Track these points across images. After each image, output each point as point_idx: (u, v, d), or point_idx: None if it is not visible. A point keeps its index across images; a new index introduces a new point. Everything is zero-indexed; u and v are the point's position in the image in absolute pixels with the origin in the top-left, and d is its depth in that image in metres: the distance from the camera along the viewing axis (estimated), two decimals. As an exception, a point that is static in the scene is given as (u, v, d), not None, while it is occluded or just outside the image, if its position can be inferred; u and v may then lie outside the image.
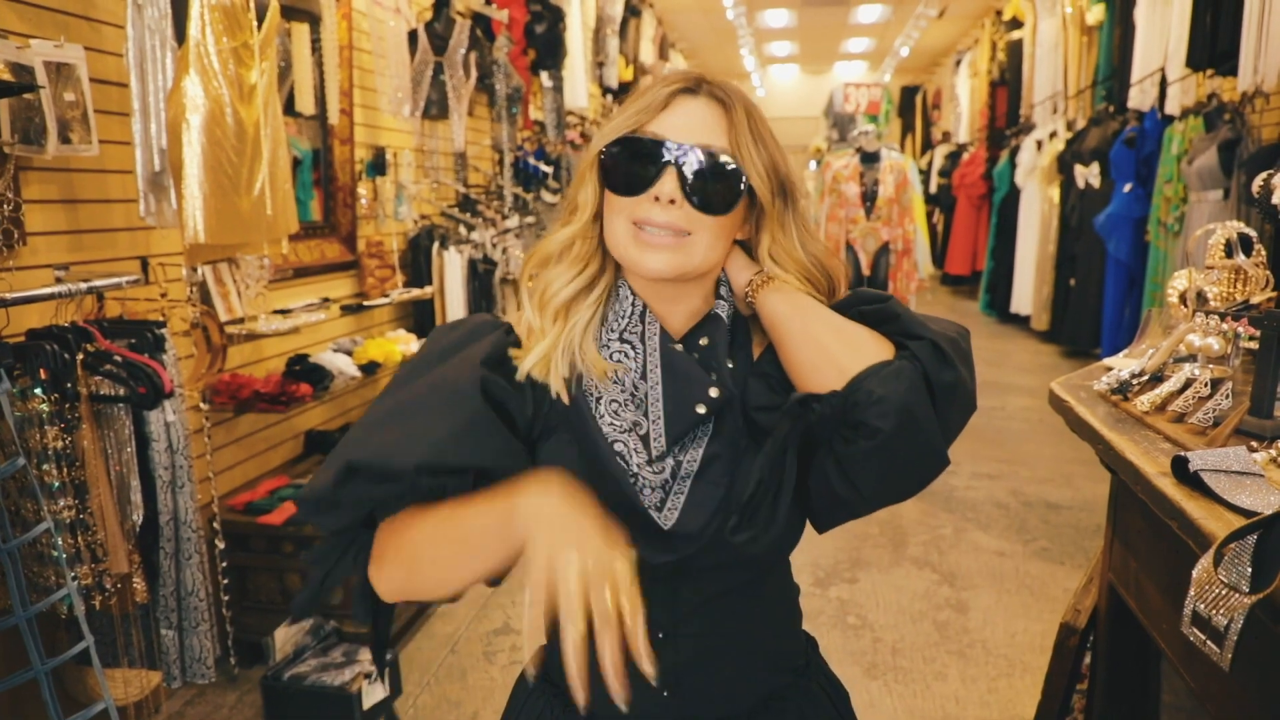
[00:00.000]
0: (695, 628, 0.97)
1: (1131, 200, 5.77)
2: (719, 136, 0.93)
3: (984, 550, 3.69)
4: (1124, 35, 6.19)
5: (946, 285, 11.95)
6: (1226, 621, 0.87)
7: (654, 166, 0.91)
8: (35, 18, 2.25)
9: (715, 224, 0.93)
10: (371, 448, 0.87)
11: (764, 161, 0.94)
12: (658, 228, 0.91)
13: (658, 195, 0.91)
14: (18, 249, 2.17)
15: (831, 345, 0.90)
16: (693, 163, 0.91)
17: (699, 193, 0.91)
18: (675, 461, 0.94)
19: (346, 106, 3.63)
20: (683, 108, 0.94)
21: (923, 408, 0.87)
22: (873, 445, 0.85)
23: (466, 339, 0.97)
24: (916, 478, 0.92)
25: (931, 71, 15.27)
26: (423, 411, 0.89)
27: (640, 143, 0.92)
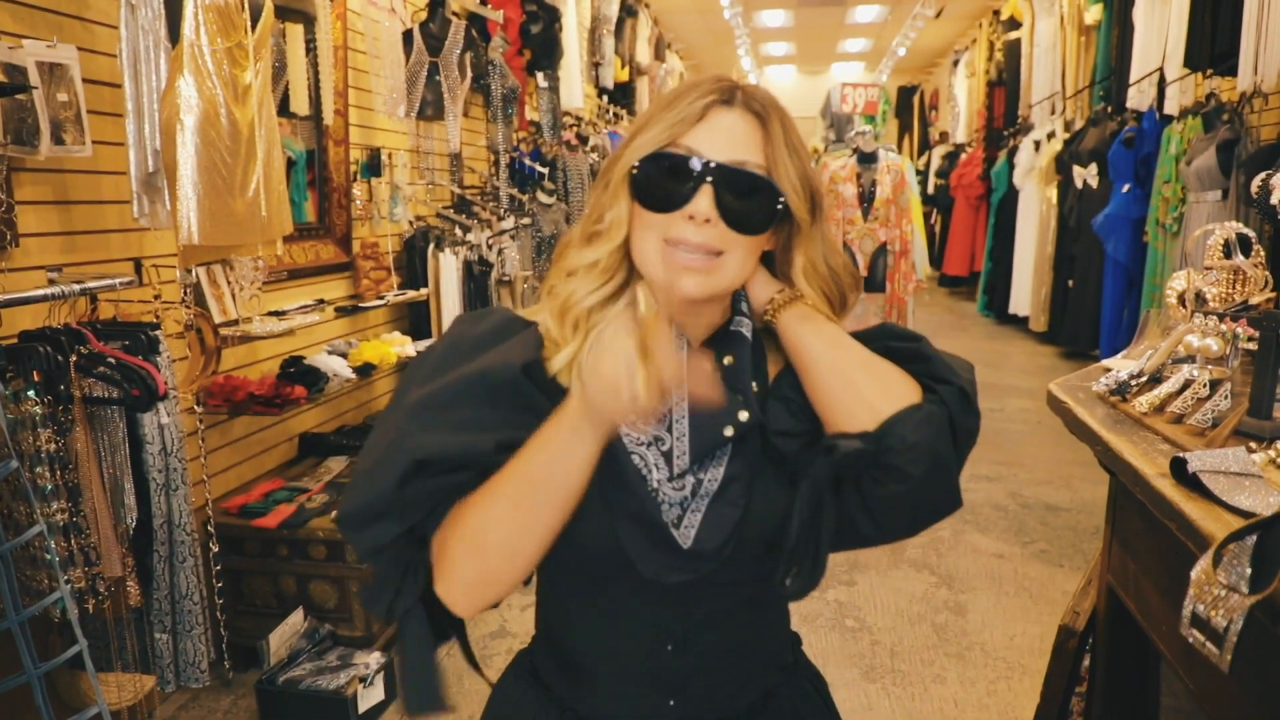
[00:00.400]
0: (702, 639, 0.97)
1: (1130, 201, 5.77)
2: (755, 151, 0.90)
3: (982, 552, 3.68)
4: (1122, 35, 6.19)
5: (944, 286, 11.95)
6: (1226, 623, 0.86)
7: (689, 184, 0.88)
8: (28, 18, 2.24)
9: (749, 244, 0.91)
10: (432, 440, 0.84)
11: (798, 175, 0.92)
12: (691, 247, 0.89)
13: (692, 214, 0.88)
14: (10, 250, 2.15)
15: (863, 384, 0.89)
16: (729, 181, 0.88)
17: (734, 212, 0.89)
18: (696, 479, 0.92)
19: (341, 107, 3.62)
20: (718, 120, 0.91)
21: (948, 453, 0.88)
22: (902, 490, 0.86)
23: (494, 335, 0.94)
24: (935, 517, 0.94)
25: (929, 72, 15.27)
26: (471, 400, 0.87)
27: (675, 159, 0.89)
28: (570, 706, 1.02)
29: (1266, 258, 1.69)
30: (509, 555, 0.86)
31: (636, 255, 0.93)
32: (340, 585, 2.77)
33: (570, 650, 1.02)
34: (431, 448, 0.83)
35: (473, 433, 0.85)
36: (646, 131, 0.91)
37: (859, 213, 4.95)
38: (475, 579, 0.87)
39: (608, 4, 7.03)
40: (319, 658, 2.62)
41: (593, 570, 0.95)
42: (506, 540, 0.85)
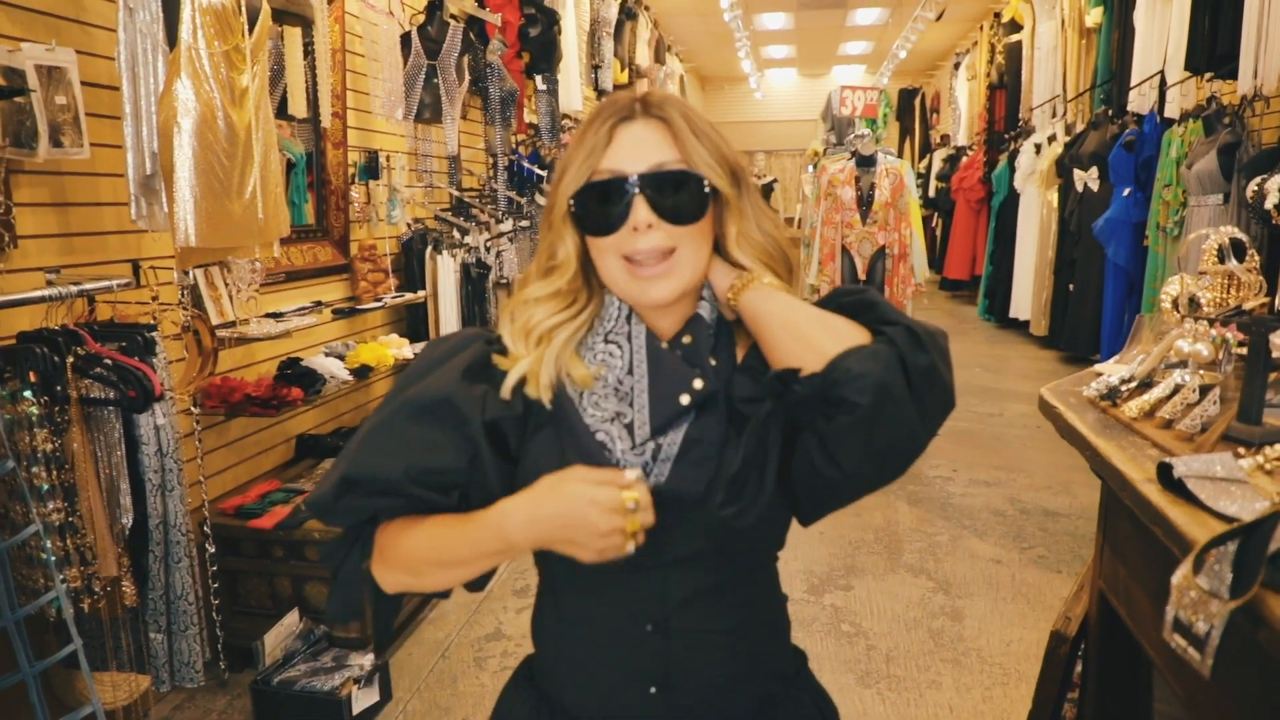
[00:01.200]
0: (684, 622, 0.98)
1: (1130, 204, 5.77)
2: (667, 150, 0.98)
3: (980, 558, 3.68)
4: (1123, 38, 6.19)
5: (945, 290, 11.94)
6: (1207, 628, 0.87)
7: (621, 201, 0.96)
8: (27, 21, 2.25)
9: (694, 232, 0.98)
10: (364, 460, 0.95)
11: (713, 157, 0.98)
12: (645, 254, 0.96)
13: (635, 225, 0.96)
14: (8, 252, 2.16)
15: (811, 332, 0.93)
16: (655, 184, 0.96)
17: (670, 209, 0.96)
18: (656, 444, 0.96)
19: (339, 110, 3.63)
20: (626, 136, 0.98)
21: (899, 388, 0.89)
22: (852, 420, 0.88)
23: (451, 352, 1.01)
24: (896, 457, 0.94)
25: (930, 74, 15.27)
26: (408, 424, 0.95)
27: (601, 185, 0.97)
28: (561, 707, 1.03)
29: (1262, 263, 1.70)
30: (436, 585, 0.98)
31: (604, 277, 1.01)
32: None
33: (557, 638, 1.05)
34: (356, 469, 0.94)
35: (394, 458, 0.93)
36: (569, 170, 1.00)
37: (858, 216, 4.95)
38: (403, 585, 0.98)
39: (607, 7, 7.04)
40: (314, 659, 2.63)
41: None
42: (434, 578, 0.96)
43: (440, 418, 0.95)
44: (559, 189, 1.01)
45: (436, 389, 0.96)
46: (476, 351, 1.01)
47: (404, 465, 0.92)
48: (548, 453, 0.97)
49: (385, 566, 0.97)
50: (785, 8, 10.84)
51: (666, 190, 0.96)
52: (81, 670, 1.75)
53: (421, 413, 0.95)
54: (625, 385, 0.99)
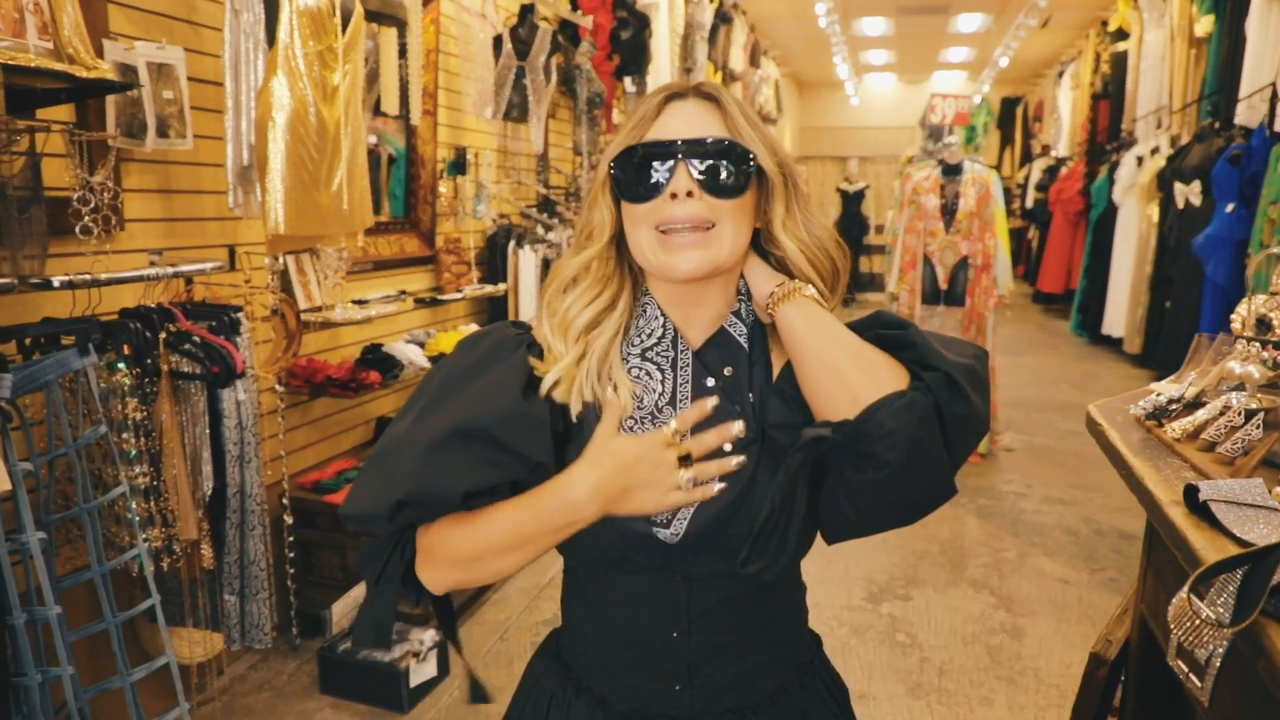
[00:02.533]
0: (708, 628, 1.00)
1: (1233, 221, 5.51)
2: (716, 127, 0.96)
3: (1047, 577, 3.60)
4: (1233, 48, 5.91)
5: (1038, 303, 11.59)
6: (1207, 655, 0.87)
7: (664, 166, 0.93)
8: (143, 21, 2.42)
9: (735, 209, 0.95)
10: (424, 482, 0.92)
11: (764, 143, 0.96)
12: (682, 224, 0.93)
13: (674, 192, 0.93)
14: (116, 234, 2.34)
15: (847, 371, 0.90)
16: (699, 152, 0.93)
17: (713, 179, 0.93)
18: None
19: (430, 107, 3.77)
20: (675, 111, 0.97)
21: (933, 440, 0.88)
22: (881, 477, 0.87)
23: (485, 360, 1.00)
24: (921, 507, 0.93)
25: (1034, 83, 14.81)
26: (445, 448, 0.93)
27: (644, 148, 0.95)
28: (587, 686, 1.06)
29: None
30: (488, 575, 0.96)
31: (635, 251, 0.98)
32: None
33: (585, 631, 1.07)
34: (410, 490, 0.92)
35: (446, 479, 0.91)
36: (616, 140, 0.98)
37: (941, 224, 4.87)
38: (453, 581, 0.97)
39: (702, 10, 7.08)
40: (377, 631, 2.75)
41: (599, 558, 1.00)
42: (489, 566, 0.95)
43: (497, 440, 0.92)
44: (602, 161, 0.99)
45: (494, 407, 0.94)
46: (523, 358, 0.99)
47: (464, 488, 0.91)
48: None
49: (433, 566, 0.96)
50: (885, 12, 10.67)
51: (711, 159, 0.93)
52: (158, 623, 1.89)
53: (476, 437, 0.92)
54: (664, 415, 0.98)
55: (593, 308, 0.99)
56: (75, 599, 2.08)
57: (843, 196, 12.60)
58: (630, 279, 1.02)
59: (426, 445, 0.93)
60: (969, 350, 0.98)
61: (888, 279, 5.35)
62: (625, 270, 1.01)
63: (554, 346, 0.99)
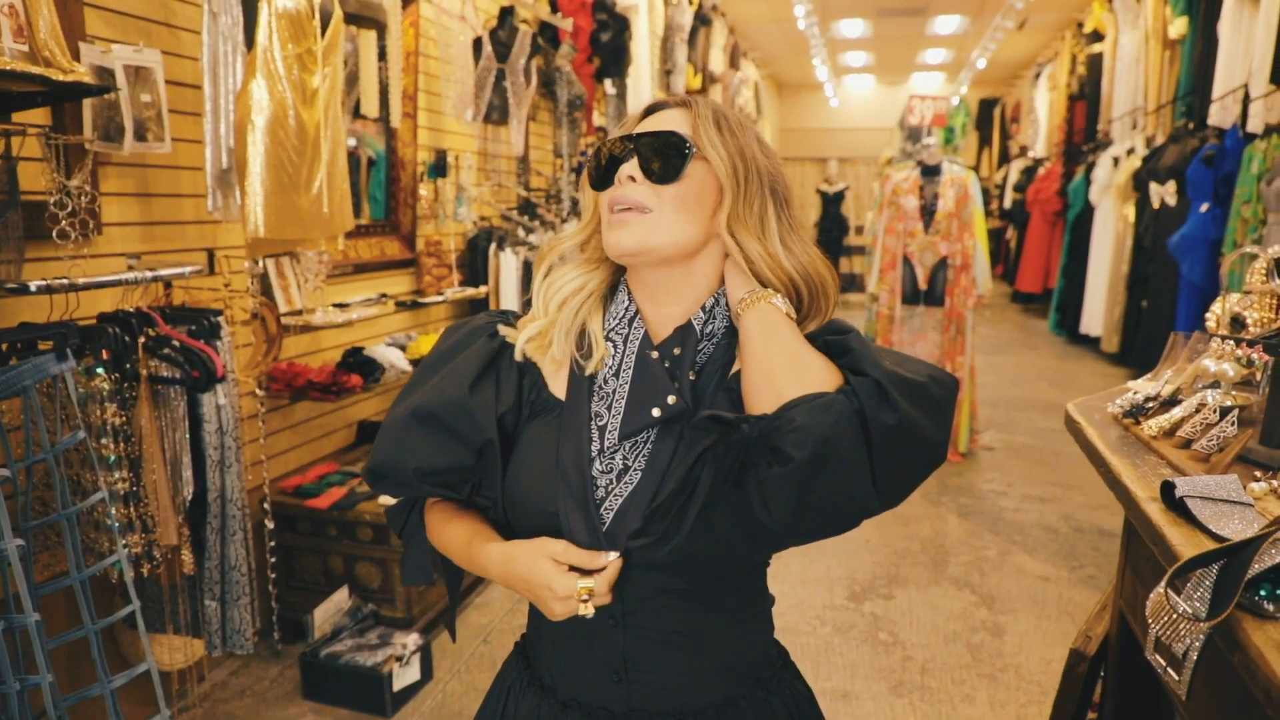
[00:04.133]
0: (645, 620, 1.00)
1: (1208, 221, 5.59)
2: (680, 125, 1.02)
3: (1027, 574, 3.63)
4: (1206, 50, 5.99)
5: (1017, 303, 11.69)
6: (1184, 649, 0.88)
7: (620, 157, 1.02)
8: (120, 24, 2.40)
9: (674, 198, 0.99)
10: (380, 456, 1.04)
11: (728, 147, 1.00)
12: (620, 205, 1.00)
13: (620, 178, 1.01)
14: (93, 238, 2.32)
15: (778, 370, 0.92)
16: (649, 144, 1.00)
17: (652, 165, 0.99)
18: (623, 463, 0.99)
19: (410, 110, 3.76)
20: (653, 117, 1.05)
21: (848, 445, 0.86)
22: (784, 472, 0.84)
23: (461, 345, 1.09)
24: (835, 516, 0.90)
25: (1011, 84, 14.95)
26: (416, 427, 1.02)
27: (610, 143, 1.04)
28: (538, 676, 1.09)
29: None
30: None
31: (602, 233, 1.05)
32: (384, 567, 2.89)
33: (537, 619, 1.09)
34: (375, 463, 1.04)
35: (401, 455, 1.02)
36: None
37: (920, 225, 4.91)
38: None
39: (681, 13, 7.09)
40: (360, 635, 2.74)
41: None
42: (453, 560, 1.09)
43: (446, 424, 1.01)
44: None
45: (445, 395, 1.02)
46: (483, 347, 1.07)
47: (413, 467, 1.01)
48: (541, 447, 1.02)
49: (433, 539, 1.09)
50: (863, 14, 10.73)
51: (654, 148, 1.00)
52: (138, 630, 1.87)
53: (427, 418, 1.01)
54: (608, 387, 1.02)
55: (577, 280, 1.07)
56: (54, 606, 2.06)
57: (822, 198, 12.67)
58: (617, 268, 1.09)
59: (391, 423, 1.05)
60: (922, 369, 0.96)
61: (868, 279, 5.38)
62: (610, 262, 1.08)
63: (537, 312, 1.07)
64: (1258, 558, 0.86)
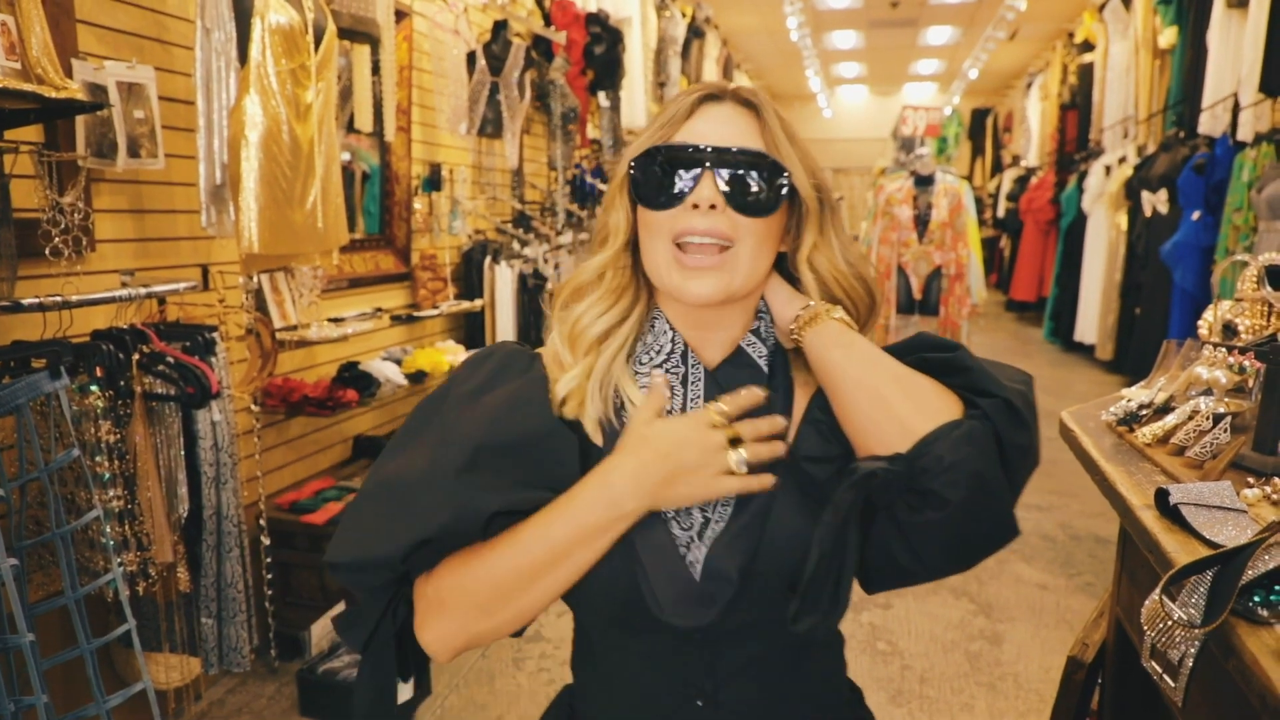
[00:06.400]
0: (736, 693, 0.90)
1: (1199, 229, 5.61)
2: (752, 137, 0.87)
3: (1025, 583, 3.63)
4: (1196, 59, 6.04)
5: (1011, 311, 11.72)
6: (1179, 656, 0.88)
7: (690, 172, 0.85)
8: (114, 41, 2.41)
9: (759, 230, 0.87)
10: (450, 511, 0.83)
11: (801, 161, 0.88)
12: (700, 238, 0.85)
13: (697, 202, 0.85)
14: (87, 255, 2.31)
15: (894, 400, 0.82)
16: (730, 162, 0.85)
17: (741, 194, 0.85)
18: (703, 515, 0.88)
19: (404, 124, 3.77)
20: (710, 113, 0.88)
21: (994, 474, 0.80)
22: (941, 516, 0.79)
23: (500, 373, 0.92)
24: (985, 548, 0.85)
25: (1003, 94, 15.03)
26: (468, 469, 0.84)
27: (672, 149, 0.86)
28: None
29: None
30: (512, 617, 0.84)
31: (648, 264, 0.90)
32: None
33: (597, 695, 0.97)
34: (443, 523, 0.82)
35: (473, 501, 0.82)
36: (640, 138, 0.90)
37: (914, 235, 4.93)
38: (469, 634, 0.85)
39: (674, 25, 7.13)
40: (357, 651, 2.73)
41: (615, 615, 0.90)
42: (514, 603, 0.83)
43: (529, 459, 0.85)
44: (624, 157, 0.90)
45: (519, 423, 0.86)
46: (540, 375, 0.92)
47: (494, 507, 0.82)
48: None
49: (443, 617, 0.84)
50: (855, 26, 10.80)
51: (742, 171, 0.85)
52: (134, 649, 1.86)
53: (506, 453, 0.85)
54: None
55: (606, 318, 0.91)
56: (49, 626, 2.05)
57: (817, 208, 12.69)
58: (646, 291, 0.94)
59: (453, 470, 0.83)
60: (1018, 375, 0.90)
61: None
62: (641, 281, 0.93)
63: (563, 358, 0.92)
64: (1251, 564, 0.86)
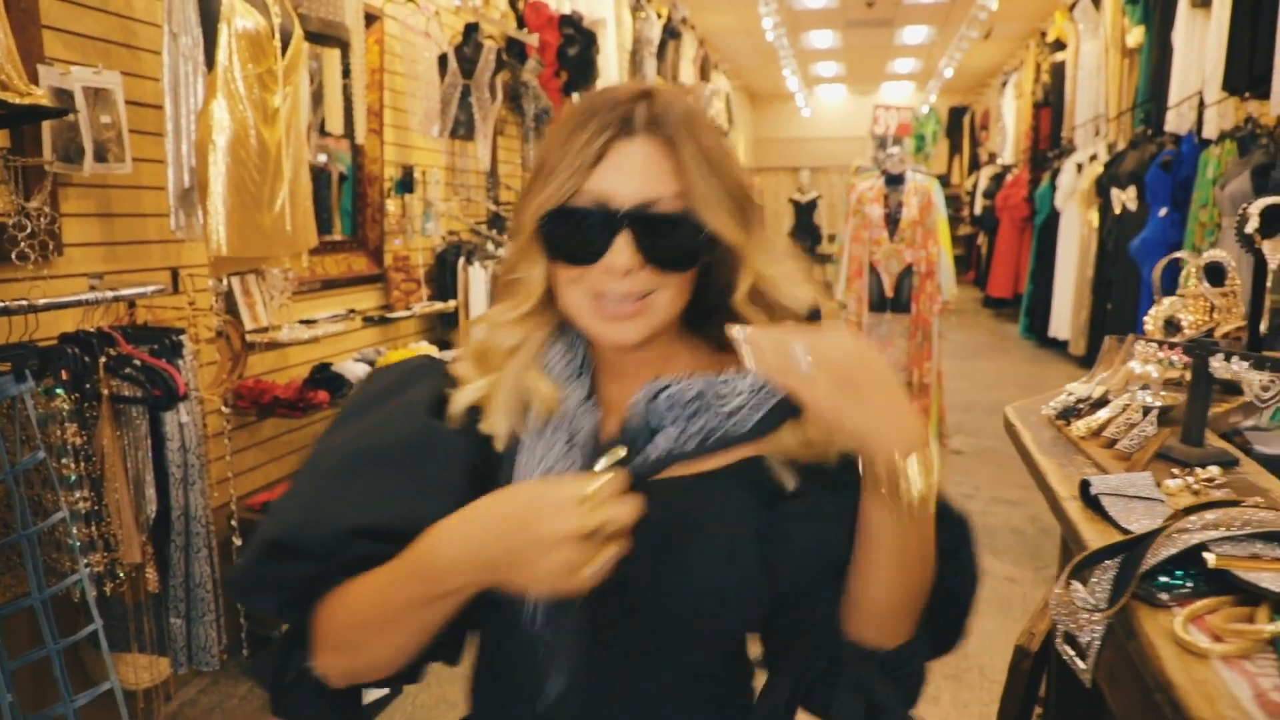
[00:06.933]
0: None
1: (1167, 225, 5.71)
2: (667, 182, 0.81)
3: (993, 575, 3.68)
4: (1161, 58, 6.13)
5: (988, 308, 11.82)
6: (1088, 639, 0.93)
7: (602, 235, 0.81)
8: (80, 46, 2.42)
9: (680, 277, 0.85)
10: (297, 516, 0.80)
11: (721, 193, 0.82)
12: (619, 298, 0.83)
13: (610, 267, 0.81)
14: (54, 259, 2.33)
15: (917, 594, 0.86)
16: (644, 224, 0.81)
17: (657, 254, 0.82)
18: None
19: (376, 126, 3.79)
20: (622, 155, 0.81)
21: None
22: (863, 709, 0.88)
23: (400, 383, 0.91)
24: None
25: (980, 92, 15.16)
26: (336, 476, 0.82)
27: (581, 213, 0.81)
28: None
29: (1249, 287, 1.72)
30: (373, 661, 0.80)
31: (566, 309, 0.87)
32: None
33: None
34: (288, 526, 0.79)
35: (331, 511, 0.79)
36: (549, 179, 0.83)
37: (885, 233, 4.99)
38: (342, 669, 0.82)
39: (650, 26, 7.16)
40: (329, 650, 2.75)
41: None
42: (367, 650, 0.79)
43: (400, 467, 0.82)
44: (531, 193, 0.85)
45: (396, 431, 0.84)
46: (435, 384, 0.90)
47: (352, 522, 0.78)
48: None
49: (319, 646, 0.81)
50: (832, 25, 10.87)
51: (658, 232, 0.81)
52: (101, 649, 1.88)
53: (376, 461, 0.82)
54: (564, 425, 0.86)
55: (515, 337, 0.89)
56: (16, 626, 2.06)
57: (795, 207, 12.78)
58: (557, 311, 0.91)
59: (317, 475, 0.83)
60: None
61: (834, 287, 5.45)
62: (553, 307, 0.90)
63: (469, 372, 0.90)
64: (1152, 550, 0.90)
